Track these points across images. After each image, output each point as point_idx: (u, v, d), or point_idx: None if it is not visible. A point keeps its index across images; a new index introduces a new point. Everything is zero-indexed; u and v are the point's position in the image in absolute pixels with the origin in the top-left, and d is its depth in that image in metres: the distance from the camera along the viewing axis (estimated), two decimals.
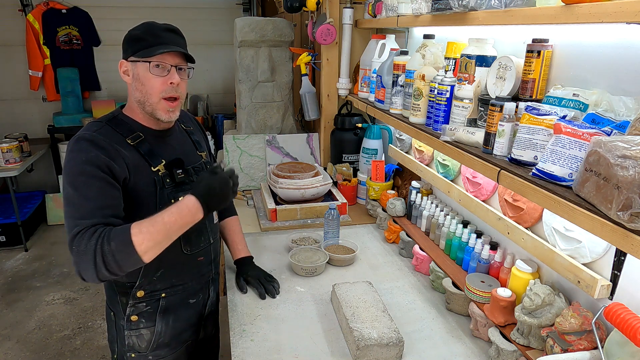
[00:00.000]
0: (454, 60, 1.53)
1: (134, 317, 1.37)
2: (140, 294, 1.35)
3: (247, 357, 1.30)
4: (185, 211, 1.21)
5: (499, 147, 1.20)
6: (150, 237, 1.15)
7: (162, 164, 1.32)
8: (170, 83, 1.28)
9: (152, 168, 1.30)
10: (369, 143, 2.37)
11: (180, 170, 1.35)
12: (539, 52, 1.18)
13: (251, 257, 1.70)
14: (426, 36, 1.74)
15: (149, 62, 1.25)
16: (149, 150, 1.31)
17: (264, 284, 1.59)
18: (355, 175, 2.47)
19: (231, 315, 1.48)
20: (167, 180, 1.32)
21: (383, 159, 2.32)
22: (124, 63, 1.30)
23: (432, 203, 1.87)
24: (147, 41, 1.26)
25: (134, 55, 1.26)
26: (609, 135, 0.93)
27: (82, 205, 1.17)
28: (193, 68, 1.36)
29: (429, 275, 1.72)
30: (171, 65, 1.27)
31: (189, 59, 1.32)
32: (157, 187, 1.30)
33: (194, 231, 1.36)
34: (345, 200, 2.25)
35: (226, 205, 1.39)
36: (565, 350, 1.10)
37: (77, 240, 1.13)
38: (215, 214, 1.53)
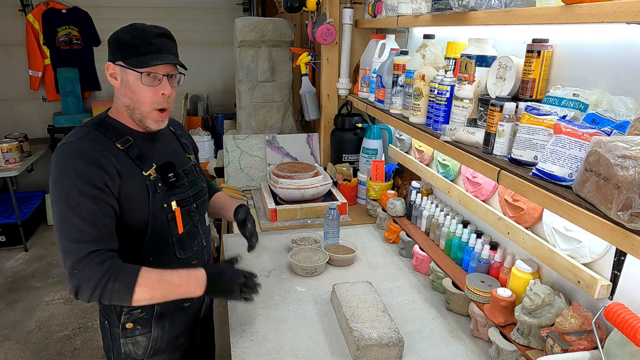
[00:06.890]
0: (454, 60, 1.53)
1: (129, 325, 1.35)
2: None
3: (247, 357, 1.30)
4: (192, 281, 1.22)
5: (499, 147, 1.20)
6: (152, 293, 1.17)
7: (153, 167, 1.28)
8: (162, 94, 1.25)
9: (144, 172, 1.26)
10: (369, 143, 2.37)
11: (172, 174, 1.32)
12: (539, 52, 1.18)
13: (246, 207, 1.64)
14: (426, 36, 1.74)
15: (141, 72, 1.20)
16: (139, 154, 1.27)
17: (249, 239, 1.55)
18: (355, 175, 2.47)
19: (231, 315, 1.48)
20: (159, 184, 1.29)
21: (383, 159, 2.32)
22: (111, 66, 1.24)
23: (432, 203, 1.87)
24: (138, 48, 1.20)
25: (123, 61, 1.21)
26: (609, 135, 0.93)
27: (78, 227, 1.14)
28: (184, 74, 1.32)
29: (429, 275, 1.72)
30: (163, 75, 1.23)
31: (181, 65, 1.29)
32: (150, 192, 1.26)
33: (187, 235, 1.36)
34: (345, 200, 2.25)
35: (226, 298, 1.39)
36: (565, 350, 1.10)
37: (81, 266, 1.11)
38: (207, 215, 1.50)
